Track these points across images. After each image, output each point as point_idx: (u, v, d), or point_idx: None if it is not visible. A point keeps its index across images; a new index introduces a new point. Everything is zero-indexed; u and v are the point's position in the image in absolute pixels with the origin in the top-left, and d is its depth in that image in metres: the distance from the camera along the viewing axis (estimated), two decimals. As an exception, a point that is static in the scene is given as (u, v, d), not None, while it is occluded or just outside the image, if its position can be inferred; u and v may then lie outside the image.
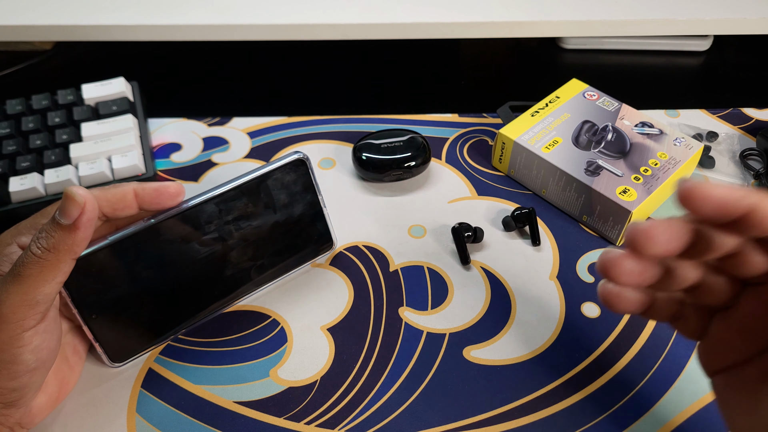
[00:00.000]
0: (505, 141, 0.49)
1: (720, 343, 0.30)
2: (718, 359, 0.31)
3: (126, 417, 0.37)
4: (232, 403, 0.37)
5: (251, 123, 0.56)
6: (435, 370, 0.39)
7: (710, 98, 0.59)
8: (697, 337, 0.31)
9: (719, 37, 0.65)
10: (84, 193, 0.31)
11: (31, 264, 0.30)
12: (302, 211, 0.41)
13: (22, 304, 0.30)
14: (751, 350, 0.29)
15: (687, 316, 0.31)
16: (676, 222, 0.27)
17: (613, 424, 0.36)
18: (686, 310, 0.31)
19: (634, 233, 0.26)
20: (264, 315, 0.42)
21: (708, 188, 0.25)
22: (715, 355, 0.31)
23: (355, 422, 0.36)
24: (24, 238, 0.35)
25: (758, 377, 0.28)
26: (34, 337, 0.31)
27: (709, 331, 0.31)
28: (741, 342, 0.29)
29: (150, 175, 0.49)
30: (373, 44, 0.65)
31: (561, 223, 0.47)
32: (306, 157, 0.39)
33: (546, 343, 0.40)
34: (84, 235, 0.31)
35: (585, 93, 0.52)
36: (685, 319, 0.31)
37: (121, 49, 0.64)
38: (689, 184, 0.26)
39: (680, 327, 0.32)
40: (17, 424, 0.34)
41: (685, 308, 0.31)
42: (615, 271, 0.28)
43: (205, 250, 0.38)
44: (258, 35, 0.58)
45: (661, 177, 0.45)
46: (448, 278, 0.44)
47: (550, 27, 0.58)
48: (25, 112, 0.50)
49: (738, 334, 0.29)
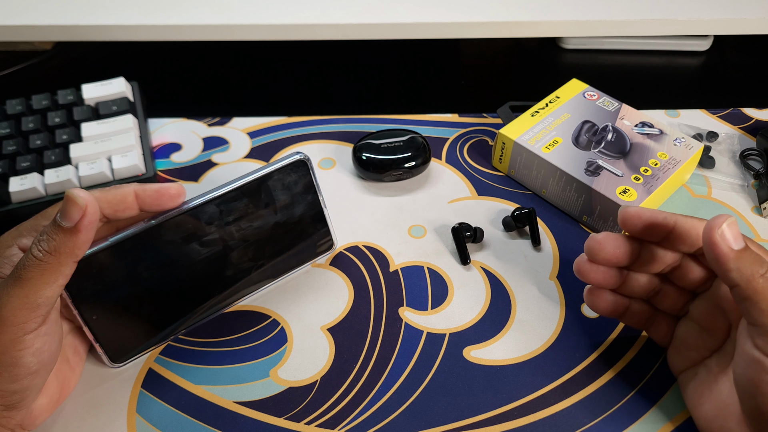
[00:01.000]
0: (505, 141, 0.49)
1: (683, 345, 0.36)
2: (683, 359, 0.36)
3: (126, 417, 0.37)
4: (232, 403, 0.37)
5: (251, 123, 0.56)
6: (435, 370, 0.39)
7: (710, 98, 0.59)
8: (665, 342, 0.38)
9: (719, 37, 0.65)
10: (85, 195, 0.31)
11: (33, 267, 0.30)
12: (303, 211, 0.41)
13: (24, 307, 0.30)
14: (709, 347, 0.35)
15: (657, 323, 0.38)
16: (622, 236, 0.35)
17: (612, 425, 0.36)
18: (657, 318, 0.38)
19: (589, 242, 0.35)
20: (264, 315, 0.42)
21: (638, 212, 0.34)
22: (680, 356, 0.37)
23: (355, 422, 0.37)
24: (24, 240, 0.35)
25: (717, 370, 0.34)
26: (36, 339, 0.31)
27: (675, 336, 0.37)
28: (701, 341, 0.35)
29: (150, 175, 0.49)
30: (373, 44, 0.65)
31: (561, 223, 0.47)
32: (307, 157, 0.39)
33: (546, 343, 0.40)
34: (85, 237, 0.31)
35: (585, 93, 0.52)
36: (656, 326, 0.38)
37: (121, 49, 0.64)
38: (624, 209, 0.34)
39: (652, 333, 0.38)
40: (18, 426, 0.34)
41: (656, 316, 0.38)
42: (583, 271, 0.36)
43: (205, 251, 0.38)
44: (258, 35, 0.58)
45: (662, 177, 0.45)
46: (448, 278, 0.44)
47: (550, 27, 0.58)
48: (25, 112, 0.50)
49: (698, 334, 0.35)
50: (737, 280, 0.30)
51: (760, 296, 0.29)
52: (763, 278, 0.30)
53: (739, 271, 0.30)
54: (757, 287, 0.30)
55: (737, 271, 0.30)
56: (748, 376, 0.30)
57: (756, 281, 0.30)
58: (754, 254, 0.30)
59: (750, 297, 0.30)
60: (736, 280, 0.30)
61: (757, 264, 0.30)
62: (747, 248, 0.31)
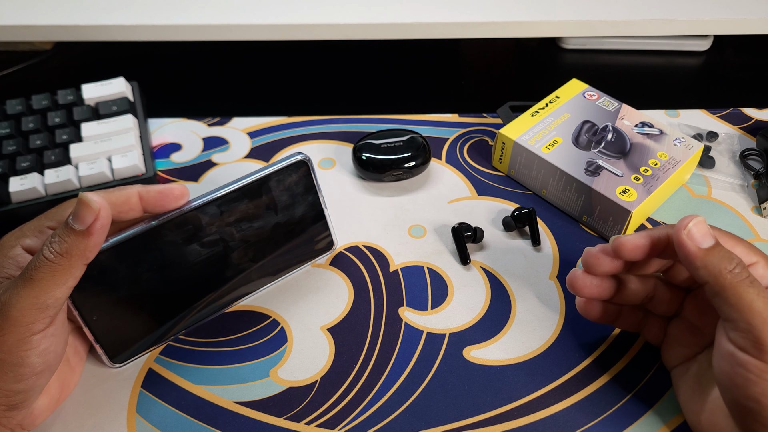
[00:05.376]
0: (505, 141, 0.49)
1: (676, 342, 0.37)
2: (675, 355, 0.37)
3: (126, 417, 0.37)
4: (232, 404, 0.37)
5: (251, 123, 0.56)
6: (435, 370, 0.39)
7: (710, 98, 0.59)
8: (659, 342, 0.39)
9: (719, 37, 0.65)
10: (98, 199, 0.31)
11: (44, 268, 0.31)
12: (303, 211, 0.41)
13: (33, 308, 0.31)
14: (700, 344, 0.36)
15: (650, 325, 0.38)
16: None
17: (612, 425, 0.36)
18: (649, 320, 0.38)
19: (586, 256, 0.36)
20: (264, 315, 0.42)
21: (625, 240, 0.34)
22: (673, 353, 0.37)
23: (355, 422, 0.37)
24: (28, 241, 0.35)
25: (707, 365, 0.35)
26: (42, 340, 0.32)
27: (667, 334, 0.38)
28: (692, 338, 0.36)
29: (150, 176, 0.49)
30: (373, 44, 0.65)
31: (561, 223, 0.47)
32: (308, 158, 0.39)
33: (546, 343, 0.40)
34: (97, 240, 0.32)
35: (585, 93, 0.52)
36: (648, 327, 0.38)
37: (121, 49, 0.64)
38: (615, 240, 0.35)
39: (645, 334, 0.39)
40: (18, 426, 0.34)
41: (648, 318, 0.38)
42: (577, 286, 0.36)
43: (206, 251, 0.38)
44: (258, 35, 0.58)
45: (661, 177, 0.45)
46: (448, 278, 0.44)
47: (550, 27, 0.58)
48: (25, 112, 0.50)
49: (688, 332, 0.36)
50: (706, 277, 0.31)
51: (729, 292, 0.30)
52: (731, 274, 0.30)
53: (706, 269, 0.31)
54: (725, 283, 0.30)
55: (704, 268, 0.31)
56: (723, 369, 0.31)
57: (724, 277, 0.30)
58: (722, 251, 0.31)
59: (719, 293, 0.31)
60: (705, 278, 0.31)
61: (725, 260, 0.31)
62: (716, 246, 0.32)
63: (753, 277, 0.31)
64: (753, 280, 0.30)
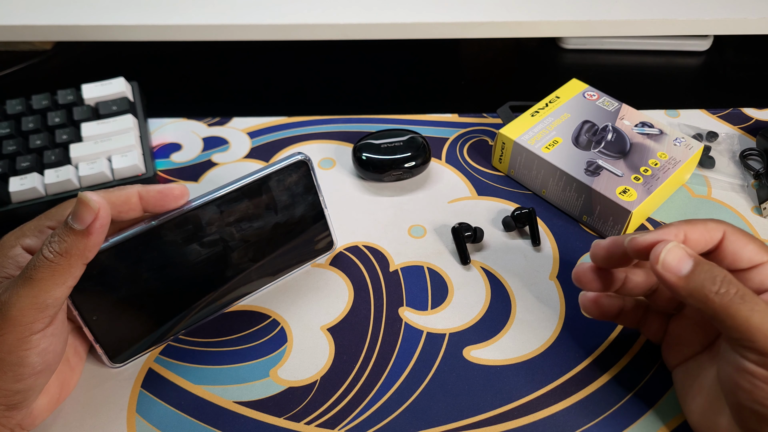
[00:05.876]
0: (505, 141, 0.49)
1: (677, 340, 0.37)
2: (676, 354, 0.37)
3: (126, 417, 0.37)
4: (232, 403, 0.37)
5: (251, 123, 0.56)
6: (435, 370, 0.39)
7: (710, 98, 0.59)
8: (659, 339, 0.38)
9: (719, 37, 0.65)
10: (98, 198, 0.31)
11: (43, 268, 0.31)
12: (303, 211, 0.41)
13: (32, 307, 0.31)
14: (702, 343, 0.35)
15: (650, 322, 0.38)
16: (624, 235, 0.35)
17: (612, 425, 0.36)
18: (649, 317, 0.38)
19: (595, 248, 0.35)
20: (264, 315, 0.42)
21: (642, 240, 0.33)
22: (673, 351, 0.37)
23: (355, 422, 0.37)
24: (28, 240, 0.35)
25: (709, 365, 0.34)
26: (42, 340, 0.32)
27: (668, 332, 0.38)
28: (693, 336, 0.36)
29: (150, 176, 0.49)
30: (373, 44, 0.65)
31: (561, 223, 0.47)
32: (308, 158, 0.39)
33: (546, 343, 0.40)
34: (96, 240, 0.32)
35: (585, 93, 0.52)
36: (648, 324, 0.38)
37: (121, 49, 0.64)
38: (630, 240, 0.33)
39: (646, 331, 0.38)
40: (18, 426, 0.34)
41: (648, 315, 0.38)
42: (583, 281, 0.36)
43: (206, 251, 0.38)
44: (258, 35, 0.58)
45: (661, 177, 0.45)
46: (448, 278, 0.44)
47: (550, 27, 0.58)
48: (25, 112, 0.50)
49: (690, 330, 0.36)
50: (696, 304, 0.30)
51: (721, 315, 0.29)
52: (718, 295, 0.29)
53: (692, 297, 0.30)
54: (715, 307, 0.29)
55: (690, 297, 0.30)
56: (729, 374, 0.31)
57: (712, 302, 0.29)
58: (703, 272, 0.30)
59: (713, 316, 0.30)
60: (695, 305, 0.30)
61: (708, 282, 0.30)
62: (696, 267, 0.30)
63: (743, 289, 0.29)
64: (744, 294, 0.29)
